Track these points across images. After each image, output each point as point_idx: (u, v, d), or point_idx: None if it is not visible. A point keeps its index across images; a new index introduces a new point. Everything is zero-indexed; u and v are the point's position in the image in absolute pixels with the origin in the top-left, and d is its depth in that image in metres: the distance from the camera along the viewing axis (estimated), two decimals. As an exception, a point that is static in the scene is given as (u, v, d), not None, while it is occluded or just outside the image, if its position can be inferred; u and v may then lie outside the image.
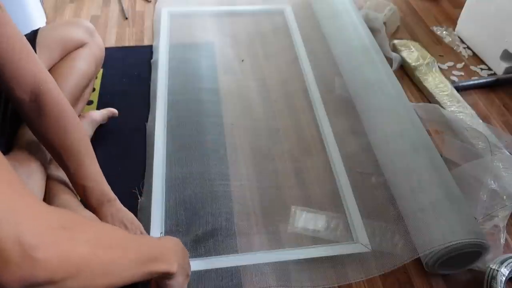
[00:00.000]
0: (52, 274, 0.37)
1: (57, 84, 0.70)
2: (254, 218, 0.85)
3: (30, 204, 0.38)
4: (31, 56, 0.66)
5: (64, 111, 0.69)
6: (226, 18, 1.38)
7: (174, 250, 0.60)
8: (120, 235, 0.51)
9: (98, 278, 0.43)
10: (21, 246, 0.34)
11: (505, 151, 0.95)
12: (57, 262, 0.37)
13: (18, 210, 0.36)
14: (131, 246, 0.50)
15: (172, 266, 0.58)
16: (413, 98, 1.15)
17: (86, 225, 0.44)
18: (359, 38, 1.15)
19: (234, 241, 0.80)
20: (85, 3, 1.41)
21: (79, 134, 0.71)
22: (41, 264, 0.35)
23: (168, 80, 1.13)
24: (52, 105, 0.68)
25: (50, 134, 0.69)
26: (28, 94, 0.66)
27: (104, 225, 0.49)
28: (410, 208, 0.81)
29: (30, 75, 0.65)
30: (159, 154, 0.94)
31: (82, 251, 0.40)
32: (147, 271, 0.52)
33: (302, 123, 1.06)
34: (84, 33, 0.93)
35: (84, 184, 0.71)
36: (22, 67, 0.64)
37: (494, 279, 0.73)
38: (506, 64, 1.20)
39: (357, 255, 0.79)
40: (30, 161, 0.75)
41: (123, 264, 0.47)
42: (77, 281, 0.39)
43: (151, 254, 0.54)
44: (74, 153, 0.70)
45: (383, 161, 0.92)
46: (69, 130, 0.69)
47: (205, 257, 0.77)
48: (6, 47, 0.62)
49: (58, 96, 0.69)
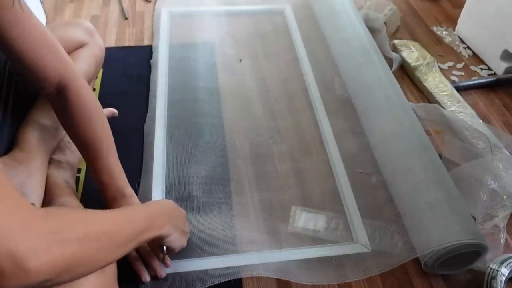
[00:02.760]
0: (45, 277, 0.39)
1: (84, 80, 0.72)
2: (254, 218, 0.85)
3: (23, 216, 0.39)
4: (56, 51, 0.67)
5: (88, 106, 0.71)
6: (226, 18, 1.38)
7: (163, 213, 0.62)
8: (110, 220, 0.52)
9: (91, 266, 0.46)
10: (13, 259, 0.36)
11: (505, 151, 0.95)
12: (48, 266, 0.39)
13: (9, 224, 0.37)
14: (121, 228, 0.52)
15: (162, 229, 0.60)
16: (413, 98, 1.15)
17: (75, 222, 0.45)
18: (359, 38, 1.15)
19: (234, 241, 0.80)
20: (85, 3, 1.41)
21: (102, 129, 0.73)
22: (34, 272, 0.37)
23: (168, 80, 1.13)
24: (77, 100, 0.69)
25: (74, 127, 0.71)
26: (53, 88, 0.68)
27: (93, 215, 0.50)
28: (409, 208, 0.81)
29: (55, 71, 0.67)
30: (159, 154, 0.94)
31: (73, 250, 0.42)
32: (140, 241, 0.55)
33: (302, 123, 1.06)
34: (84, 34, 0.93)
35: (100, 178, 0.72)
36: (46, 63, 0.65)
37: (494, 279, 0.73)
38: (506, 64, 1.20)
39: (357, 255, 0.79)
40: (30, 161, 0.75)
41: (114, 247, 0.49)
42: (71, 274, 0.42)
43: (141, 226, 0.56)
44: (94, 147, 0.72)
45: (382, 161, 0.92)
46: (91, 125, 0.71)
47: (205, 257, 0.77)
48: (28, 44, 0.63)
49: (82, 91, 0.70)
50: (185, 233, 0.70)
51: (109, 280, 0.64)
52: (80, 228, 0.45)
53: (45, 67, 0.66)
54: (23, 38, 0.62)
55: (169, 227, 0.63)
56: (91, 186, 0.87)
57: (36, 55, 0.64)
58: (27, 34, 0.63)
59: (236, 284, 0.75)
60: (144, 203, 0.67)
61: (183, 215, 0.71)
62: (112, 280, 0.66)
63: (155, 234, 0.59)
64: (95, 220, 0.49)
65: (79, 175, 0.89)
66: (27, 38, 0.63)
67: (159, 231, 0.60)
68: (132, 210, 0.59)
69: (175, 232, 0.65)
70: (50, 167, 0.81)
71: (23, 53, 0.63)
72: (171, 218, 0.64)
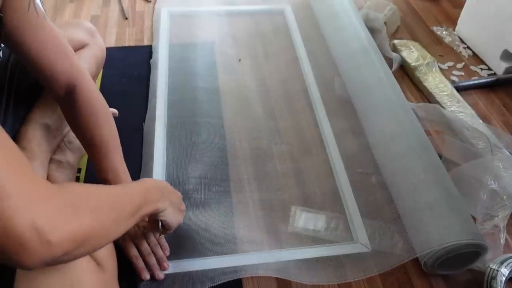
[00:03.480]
0: (66, 249, 0.40)
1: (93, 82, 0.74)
2: (254, 218, 0.85)
3: (41, 190, 0.40)
4: (67, 56, 0.70)
5: (96, 106, 0.73)
6: (226, 18, 1.38)
7: (156, 188, 0.64)
8: (113, 193, 0.54)
9: (103, 239, 0.48)
10: (37, 232, 0.37)
11: (505, 151, 0.95)
12: (69, 239, 0.40)
13: (32, 198, 0.38)
14: (123, 201, 0.54)
15: (157, 204, 0.62)
16: (413, 98, 1.15)
17: (86, 196, 0.47)
18: (358, 38, 1.15)
19: (234, 241, 0.80)
20: (85, 3, 1.41)
21: (109, 129, 0.75)
22: (56, 244, 0.39)
23: (167, 80, 1.13)
24: (84, 103, 0.72)
25: (81, 127, 0.73)
26: (63, 90, 0.71)
27: (99, 190, 0.52)
28: (409, 208, 0.81)
29: (66, 73, 0.70)
30: (159, 154, 0.94)
31: (88, 222, 0.44)
32: (139, 217, 0.57)
33: (302, 123, 1.06)
34: (85, 34, 0.93)
35: (105, 177, 0.74)
36: (58, 66, 0.69)
37: (494, 279, 0.73)
38: (506, 64, 1.20)
39: (357, 255, 0.79)
40: (31, 160, 0.75)
41: (121, 219, 0.52)
42: (85, 247, 0.44)
43: (139, 201, 0.57)
44: (101, 147, 0.73)
45: (382, 161, 0.92)
46: (99, 125, 0.73)
47: (205, 257, 0.77)
48: (41, 48, 0.66)
49: (91, 93, 0.73)
50: (181, 210, 0.71)
51: (110, 278, 0.64)
52: (92, 201, 0.47)
53: (56, 69, 0.68)
54: (36, 42, 0.65)
55: (163, 201, 0.64)
56: (91, 186, 0.87)
57: (49, 59, 0.67)
58: (40, 39, 0.65)
59: (236, 284, 0.75)
60: (138, 180, 0.68)
61: (177, 194, 0.72)
62: (112, 278, 0.66)
63: (152, 208, 0.61)
64: (101, 194, 0.51)
65: (79, 175, 0.89)
66: (40, 42, 0.65)
67: (154, 205, 0.62)
68: (129, 185, 0.61)
69: (170, 207, 0.66)
70: (50, 167, 0.81)
71: (36, 57, 0.66)
72: (164, 193, 0.65)
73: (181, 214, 0.71)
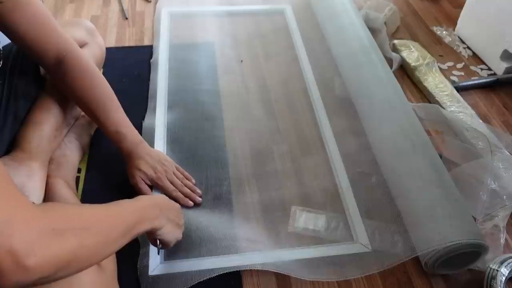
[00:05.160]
0: (44, 274, 0.39)
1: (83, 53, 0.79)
2: (254, 218, 0.85)
3: (23, 213, 0.39)
4: (54, 30, 0.74)
5: (88, 72, 0.78)
6: (226, 18, 1.38)
7: (153, 206, 0.63)
8: (105, 214, 0.52)
9: (88, 261, 0.46)
10: (13, 256, 0.36)
11: (505, 151, 0.95)
12: (48, 263, 0.39)
13: (11, 221, 0.37)
14: (116, 221, 0.53)
15: (154, 222, 0.61)
16: (413, 98, 1.15)
17: (70, 217, 0.46)
18: (359, 38, 1.15)
19: (234, 241, 0.80)
20: (85, 3, 1.41)
21: (104, 89, 0.80)
22: (33, 269, 0.38)
23: (168, 80, 1.13)
24: (76, 69, 0.76)
25: (76, 91, 0.78)
26: (52, 62, 0.75)
27: (86, 210, 0.51)
28: (409, 208, 0.81)
29: (53, 46, 0.74)
30: (159, 154, 0.94)
31: (71, 246, 0.42)
32: (133, 235, 0.56)
33: (302, 123, 1.06)
34: (85, 33, 0.93)
35: (117, 130, 0.80)
36: (46, 40, 0.73)
37: (494, 279, 0.73)
38: (506, 64, 1.20)
39: (357, 254, 0.79)
40: (31, 161, 0.75)
41: (110, 241, 0.50)
42: (69, 269, 0.43)
43: (133, 220, 0.56)
44: (103, 104, 0.79)
45: (382, 161, 0.92)
46: (95, 85, 0.79)
47: (205, 257, 0.77)
48: (29, 26, 0.70)
49: (81, 61, 0.77)
50: (179, 225, 0.71)
51: (109, 279, 0.64)
52: (77, 223, 0.45)
53: (45, 42, 0.72)
54: (24, 21, 0.68)
55: (161, 219, 0.63)
56: (91, 186, 0.88)
57: (37, 33, 0.71)
58: (28, 17, 0.68)
59: (236, 283, 0.75)
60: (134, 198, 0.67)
61: (176, 208, 0.72)
62: (112, 279, 0.66)
63: (148, 227, 0.60)
64: (88, 215, 0.49)
65: (79, 175, 0.89)
66: (28, 20, 0.69)
67: (151, 223, 0.60)
68: (122, 204, 0.59)
69: (168, 224, 0.65)
70: (50, 167, 0.81)
71: (25, 34, 0.69)
72: (161, 210, 0.64)
73: (179, 230, 0.70)
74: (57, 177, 0.80)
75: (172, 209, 0.69)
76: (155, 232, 0.63)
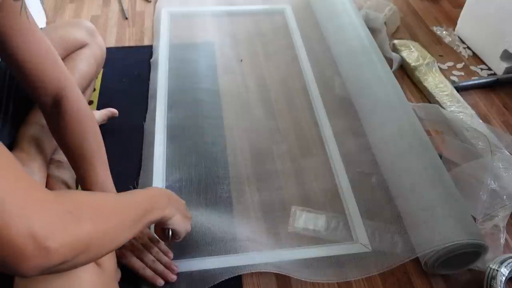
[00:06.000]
0: (65, 257, 0.40)
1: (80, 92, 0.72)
2: (254, 218, 0.85)
3: (38, 196, 0.39)
4: (56, 62, 0.68)
5: (84, 118, 0.70)
6: (226, 18, 1.38)
7: (162, 196, 0.64)
8: (116, 200, 0.53)
9: (105, 246, 0.47)
10: (34, 239, 0.36)
11: (505, 151, 0.95)
12: (67, 246, 0.40)
13: (28, 204, 0.38)
14: (127, 208, 0.53)
15: (164, 211, 0.62)
16: (413, 98, 1.15)
17: (85, 203, 0.46)
18: (359, 38, 1.15)
19: (234, 241, 0.80)
20: (85, 3, 1.41)
21: (95, 142, 0.71)
22: (54, 252, 0.38)
23: (168, 80, 1.13)
24: (72, 113, 0.69)
25: (67, 138, 0.70)
26: (50, 99, 0.68)
27: (100, 196, 0.52)
28: (409, 208, 0.81)
29: (54, 81, 0.67)
30: (159, 154, 0.94)
31: (88, 229, 0.43)
32: (144, 224, 0.56)
33: (302, 123, 1.06)
34: (85, 34, 0.93)
35: (95, 189, 0.70)
36: (46, 74, 0.66)
37: (494, 279, 0.73)
38: (506, 64, 1.20)
39: (357, 255, 0.79)
40: (31, 161, 0.75)
41: (124, 227, 0.51)
42: (87, 255, 0.43)
43: (144, 208, 0.57)
44: (87, 160, 0.70)
45: (382, 161, 0.92)
46: (85, 138, 0.70)
47: (205, 257, 0.77)
48: (31, 53, 0.64)
49: (79, 104, 0.70)
50: (188, 217, 0.71)
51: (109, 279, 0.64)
52: (92, 208, 0.46)
53: (45, 76, 0.66)
54: (26, 47, 0.63)
55: (171, 209, 0.63)
56: (91, 186, 0.87)
57: (38, 65, 0.65)
58: (30, 44, 0.63)
59: (236, 283, 0.75)
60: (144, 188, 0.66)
61: (182, 202, 0.71)
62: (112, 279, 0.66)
63: (159, 215, 0.60)
64: (102, 201, 0.50)
65: (79, 175, 0.89)
66: (30, 48, 0.63)
67: (161, 212, 0.61)
68: (132, 193, 0.60)
69: (177, 214, 0.65)
70: (50, 167, 0.81)
71: (25, 62, 0.64)
72: (170, 200, 0.65)
73: (188, 221, 0.71)
74: (57, 178, 0.80)
75: (179, 202, 0.70)
76: (166, 221, 0.63)
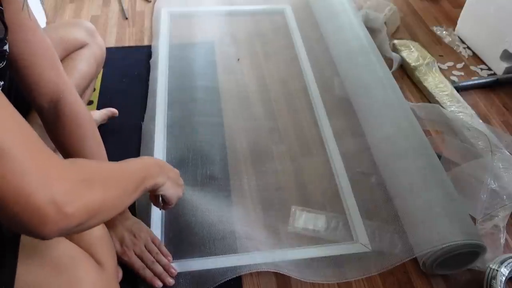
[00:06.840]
0: (81, 221, 0.43)
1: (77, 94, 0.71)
2: (254, 218, 0.85)
3: (57, 165, 0.43)
4: (54, 64, 0.67)
5: (82, 122, 0.70)
6: (226, 17, 1.38)
7: (154, 164, 0.66)
8: (120, 169, 0.57)
9: (111, 211, 0.51)
10: (55, 205, 0.40)
11: (505, 151, 0.95)
12: (82, 210, 0.43)
13: (49, 173, 0.41)
14: (129, 176, 0.57)
15: (157, 178, 0.64)
16: (413, 98, 1.15)
17: (95, 171, 0.50)
18: (358, 38, 1.15)
19: (234, 241, 0.80)
20: (85, 3, 1.41)
21: (95, 144, 0.72)
22: (71, 216, 0.42)
23: (167, 80, 1.13)
24: (70, 115, 0.68)
25: (66, 141, 0.70)
26: (47, 101, 0.67)
27: (107, 165, 0.56)
28: (407, 208, 0.81)
29: (52, 83, 0.66)
30: (159, 153, 0.94)
31: (99, 195, 0.47)
32: (141, 190, 0.59)
33: (302, 123, 1.06)
34: (85, 34, 0.92)
35: None
36: (44, 74, 0.65)
37: (494, 279, 0.73)
38: (506, 64, 1.20)
39: (357, 254, 0.79)
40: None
41: (126, 193, 0.54)
42: (97, 218, 0.47)
43: (142, 175, 0.60)
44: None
45: (381, 161, 0.92)
46: (84, 140, 0.70)
47: (205, 257, 0.77)
48: (30, 53, 0.63)
49: (77, 106, 0.70)
50: (179, 185, 0.72)
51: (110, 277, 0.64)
52: (102, 175, 0.50)
53: (43, 77, 0.65)
54: (26, 44, 0.63)
55: (162, 176, 0.65)
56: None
57: (37, 65, 0.64)
58: (29, 42, 0.63)
59: (236, 283, 0.75)
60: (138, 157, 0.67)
61: (175, 170, 0.72)
62: (113, 278, 0.66)
63: (151, 183, 0.62)
64: (109, 170, 0.53)
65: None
66: (29, 44, 0.63)
67: (154, 180, 0.63)
68: (130, 161, 0.61)
69: (169, 181, 0.67)
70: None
71: (24, 59, 0.63)
72: (162, 168, 0.66)
73: (180, 188, 0.72)
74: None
75: (172, 170, 0.71)
76: (157, 188, 0.65)
